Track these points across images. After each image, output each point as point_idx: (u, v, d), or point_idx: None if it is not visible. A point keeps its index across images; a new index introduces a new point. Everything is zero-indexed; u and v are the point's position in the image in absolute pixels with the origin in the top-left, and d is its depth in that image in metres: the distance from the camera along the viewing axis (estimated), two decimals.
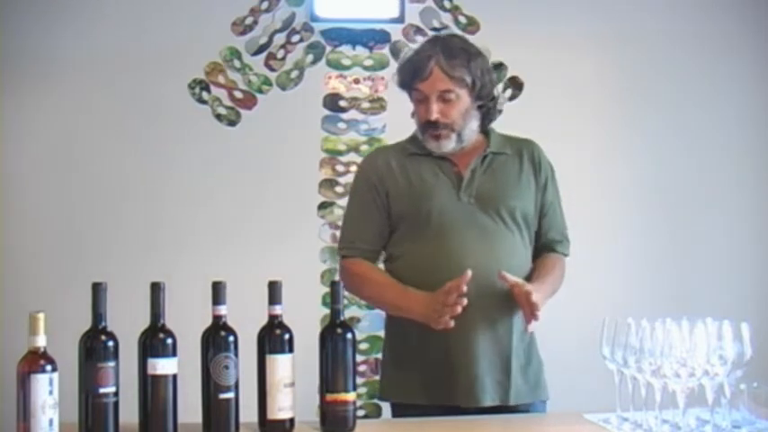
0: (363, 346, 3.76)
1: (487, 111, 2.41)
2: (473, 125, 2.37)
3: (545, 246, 2.44)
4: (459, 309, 2.13)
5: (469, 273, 2.13)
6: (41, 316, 1.74)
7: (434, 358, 2.28)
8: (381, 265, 2.46)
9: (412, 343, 2.31)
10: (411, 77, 2.34)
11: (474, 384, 2.26)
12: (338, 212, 3.83)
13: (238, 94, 3.85)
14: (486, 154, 2.38)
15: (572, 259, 2.52)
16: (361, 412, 3.44)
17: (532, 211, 2.39)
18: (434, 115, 2.30)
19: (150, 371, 1.85)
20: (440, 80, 2.30)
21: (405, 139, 2.48)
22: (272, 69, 3.87)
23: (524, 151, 2.43)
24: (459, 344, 2.26)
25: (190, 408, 1.92)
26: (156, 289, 1.87)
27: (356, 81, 3.89)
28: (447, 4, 3.92)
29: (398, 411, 2.37)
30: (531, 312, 2.19)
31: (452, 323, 2.15)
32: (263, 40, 3.87)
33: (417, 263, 2.31)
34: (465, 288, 2.12)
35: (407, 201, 2.35)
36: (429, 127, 2.33)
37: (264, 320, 1.97)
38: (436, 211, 2.31)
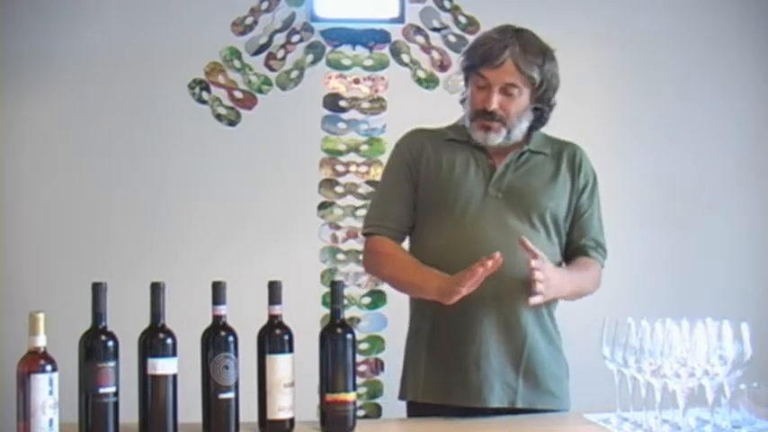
0: (363, 346, 3.76)
1: (541, 115, 2.36)
2: (524, 125, 2.32)
3: (579, 251, 2.37)
4: (476, 283, 2.06)
5: (498, 255, 2.05)
6: (41, 316, 1.74)
7: (445, 356, 2.25)
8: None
9: (425, 340, 2.29)
10: (480, 62, 2.27)
11: (482, 384, 2.22)
12: (338, 212, 3.83)
13: (238, 94, 3.85)
14: (523, 151, 2.33)
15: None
16: (361, 412, 3.44)
17: (564, 214, 2.34)
18: (494, 105, 2.25)
19: (150, 371, 1.85)
20: (509, 72, 2.25)
21: (446, 126, 2.42)
22: (272, 69, 3.87)
23: (565, 153, 2.38)
24: (471, 341, 2.23)
25: (190, 408, 1.92)
26: (156, 289, 1.88)
27: (356, 81, 3.89)
28: (447, 4, 3.92)
29: (412, 411, 2.36)
30: (533, 282, 2.11)
31: (464, 291, 2.07)
32: (263, 40, 3.87)
33: (435, 251, 2.26)
34: (489, 264, 2.04)
35: (435, 186, 2.31)
36: (481, 116, 2.27)
37: (264, 320, 1.97)
38: (462, 201, 2.27)
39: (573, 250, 2.38)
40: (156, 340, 1.86)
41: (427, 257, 2.27)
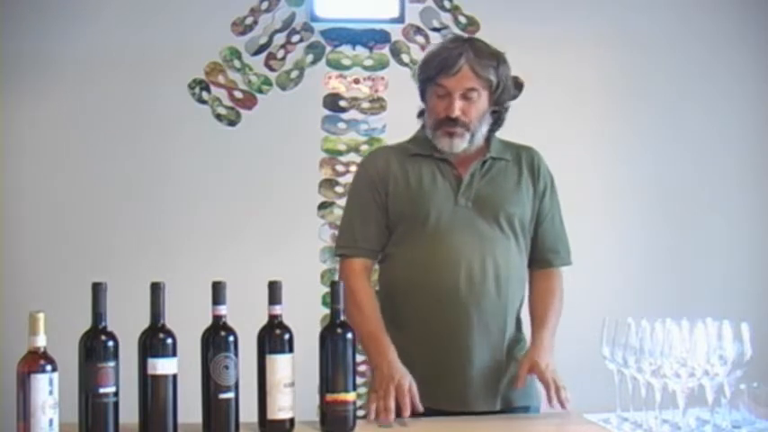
0: None
1: (498, 117, 2.39)
2: (484, 129, 2.36)
3: (541, 256, 2.42)
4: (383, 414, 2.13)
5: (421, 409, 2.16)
6: (41, 316, 1.74)
7: (427, 362, 2.27)
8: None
9: (407, 346, 2.28)
10: (437, 72, 2.30)
11: (466, 389, 2.26)
12: (338, 212, 3.83)
13: (238, 94, 3.85)
14: (486, 159, 2.37)
15: (572, 259, 2.51)
16: (361, 412, 3.43)
17: (529, 219, 2.38)
18: (457, 112, 2.28)
19: (150, 371, 1.85)
20: (467, 78, 2.28)
21: (406, 140, 2.47)
22: (272, 69, 3.87)
23: (524, 158, 2.42)
24: (453, 347, 2.26)
25: (190, 408, 1.92)
26: (156, 289, 1.87)
27: (356, 81, 3.89)
28: (447, 4, 3.92)
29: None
30: (559, 398, 2.19)
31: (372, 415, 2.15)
32: (263, 40, 3.87)
33: (412, 264, 2.31)
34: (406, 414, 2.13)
35: (405, 202, 2.34)
36: (445, 123, 2.30)
37: (264, 320, 1.97)
38: (434, 213, 2.30)
39: (537, 255, 2.41)
40: (156, 340, 1.86)
41: (404, 272, 2.32)
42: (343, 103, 3.89)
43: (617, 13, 3.92)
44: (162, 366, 1.85)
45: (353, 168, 3.83)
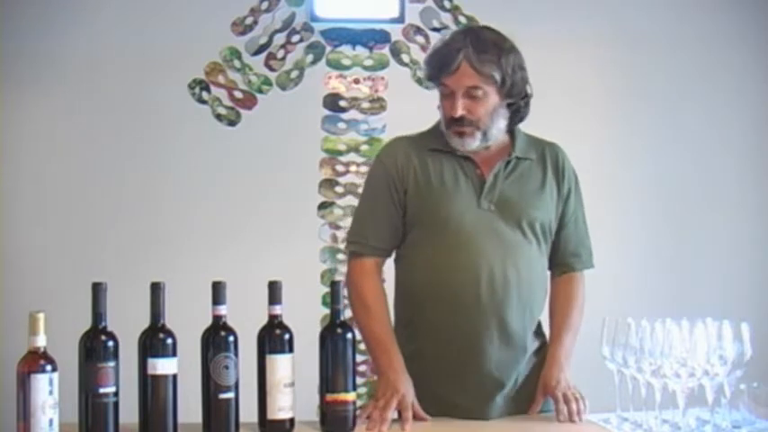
0: (363, 346, 3.74)
1: (517, 109, 2.28)
2: (500, 124, 2.24)
3: (563, 260, 2.34)
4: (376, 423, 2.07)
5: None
6: (41, 316, 1.74)
7: (444, 371, 2.22)
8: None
9: (422, 353, 2.24)
10: (438, 71, 2.21)
11: (485, 400, 2.21)
12: (338, 212, 3.83)
13: (238, 94, 3.85)
14: (510, 159, 2.27)
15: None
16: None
17: (553, 221, 2.30)
18: (459, 112, 2.18)
19: (150, 371, 1.85)
20: (467, 76, 2.17)
21: (427, 130, 2.35)
22: (272, 69, 3.87)
23: (548, 156, 2.32)
24: (472, 357, 2.20)
25: (190, 408, 1.92)
26: (156, 289, 1.87)
27: (356, 81, 3.89)
28: (447, 4, 3.92)
29: None
30: (569, 410, 2.14)
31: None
32: (263, 40, 3.87)
33: (432, 268, 2.22)
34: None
35: (425, 202, 2.24)
36: (454, 123, 2.21)
37: (264, 320, 1.97)
38: (455, 216, 2.21)
39: (558, 259, 2.34)
40: (156, 340, 1.86)
41: (423, 276, 2.23)
42: (343, 103, 3.89)
43: (617, 13, 3.92)
44: (162, 366, 1.85)
45: (353, 168, 3.84)
